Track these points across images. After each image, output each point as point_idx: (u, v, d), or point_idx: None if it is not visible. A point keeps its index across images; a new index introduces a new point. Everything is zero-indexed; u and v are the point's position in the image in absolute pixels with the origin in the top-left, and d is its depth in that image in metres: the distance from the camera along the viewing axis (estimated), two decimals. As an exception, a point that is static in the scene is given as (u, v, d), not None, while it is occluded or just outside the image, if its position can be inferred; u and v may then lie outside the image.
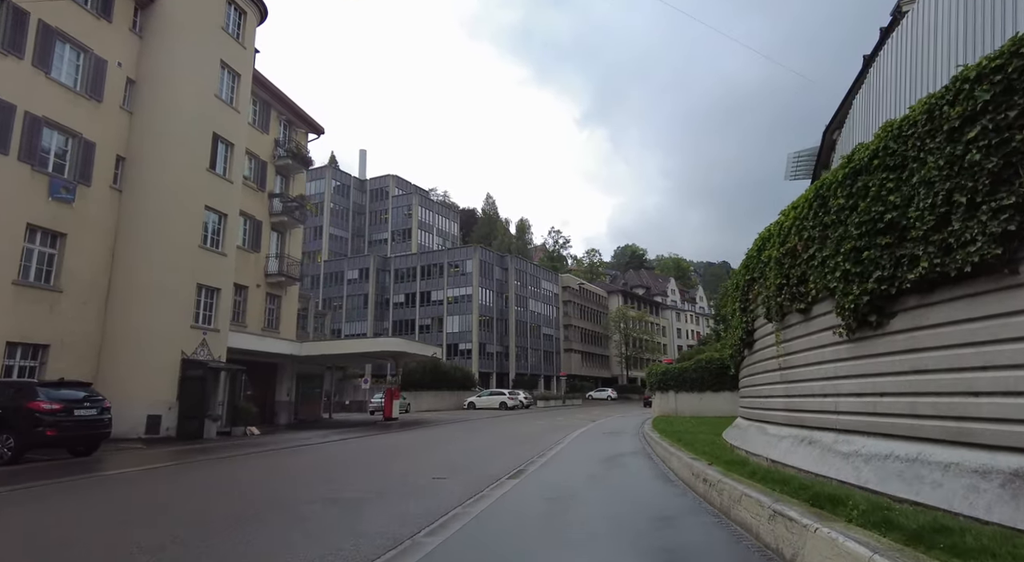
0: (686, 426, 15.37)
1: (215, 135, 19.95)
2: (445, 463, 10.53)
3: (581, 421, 25.02)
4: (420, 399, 43.23)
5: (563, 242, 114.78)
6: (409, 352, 25.70)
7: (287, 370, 26.71)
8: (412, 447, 14.32)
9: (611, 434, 16.92)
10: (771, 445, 7.18)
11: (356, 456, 12.46)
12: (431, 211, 74.18)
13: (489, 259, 63.63)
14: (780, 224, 7.16)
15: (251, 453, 13.34)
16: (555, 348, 71.79)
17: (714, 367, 23.48)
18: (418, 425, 24.22)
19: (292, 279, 26.46)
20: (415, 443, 15.61)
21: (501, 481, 8.22)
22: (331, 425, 25.23)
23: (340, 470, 10.04)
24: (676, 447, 9.72)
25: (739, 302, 9.37)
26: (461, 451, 13.01)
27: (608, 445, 13.61)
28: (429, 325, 61.92)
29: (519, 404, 43.29)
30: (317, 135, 29.53)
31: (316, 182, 71.51)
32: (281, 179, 27.38)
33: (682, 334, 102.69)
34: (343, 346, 25.52)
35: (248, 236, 24.72)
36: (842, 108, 32.31)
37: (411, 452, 12.97)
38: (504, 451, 12.72)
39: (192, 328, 18.60)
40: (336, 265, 67.59)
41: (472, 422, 26.20)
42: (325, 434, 19.12)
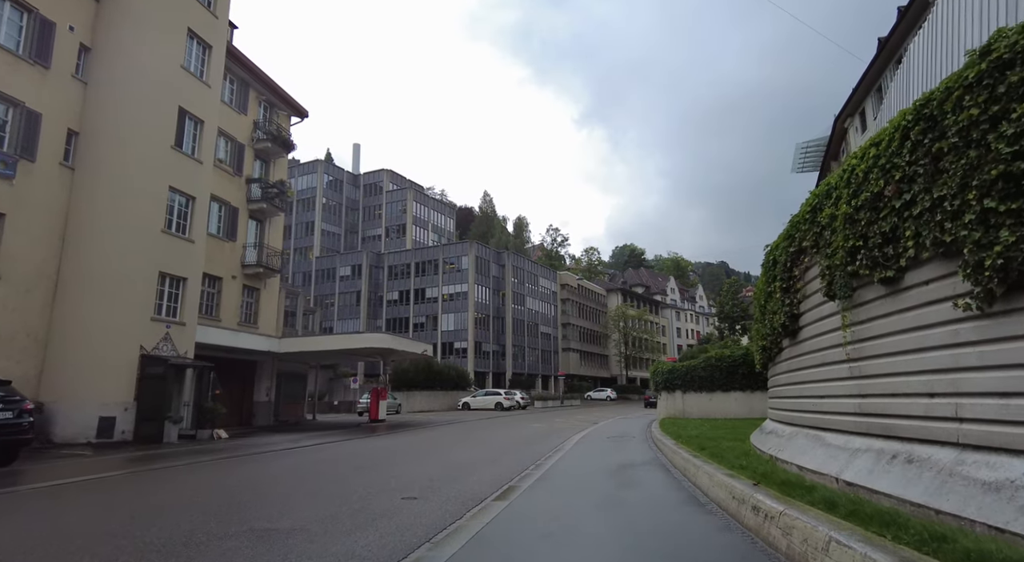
0: (701, 430, 13.67)
1: (182, 110, 18.20)
2: (422, 476, 8.81)
3: (581, 423, 23.31)
4: (412, 399, 41.52)
5: (561, 240, 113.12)
6: (397, 349, 23.99)
7: (266, 368, 24.97)
8: (390, 455, 12.59)
9: (616, 439, 15.22)
10: (836, 460, 5.48)
11: (321, 466, 10.73)
12: (426, 207, 72.38)
13: (485, 255, 61.90)
14: (850, 170, 5.46)
15: (204, 461, 11.61)
16: (553, 347, 70.09)
17: (724, 365, 21.82)
18: (405, 428, 22.49)
19: (272, 270, 24.72)
20: (395, 450, 13.88)
21: (485, 504, 6.52)
22: (312, 427, 23.49)
23: (292, 485, 8.33)
24: (701, 458, 8.02)
25: (779, 281, 7.67)
26: (444, 460, 11.29)
27: (614, 453, 11.90)
28: (424, 323, 60.16)
29: (515, 405, 41.60)
30: (301, 118, 27.78)
31: (308, 176, 69.77)
32: (261, 164, 25.63)
33: (682, 333, 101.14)
34: (325, 342, 23.82)
35: (223, 223, 22.97)
36: (855, 95, 30.58)
37: (386, 461, 11.25)
38: (494, 460, 11.01)
39: (153, 321, 16.85)
40: (328, 262, 65.78)
41: (464, 424, 24.47)
42: (300, 438, 17.39)
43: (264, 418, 24.64)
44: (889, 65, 27.88)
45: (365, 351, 24.29)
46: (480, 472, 9.26)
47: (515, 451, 12.72)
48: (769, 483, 5.50)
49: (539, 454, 11.82)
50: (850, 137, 35.21)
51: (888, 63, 28.07)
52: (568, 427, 21.01)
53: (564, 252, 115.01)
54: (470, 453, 12.62)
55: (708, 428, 14.71)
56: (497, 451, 12.96)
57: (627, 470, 9.17)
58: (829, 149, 39.63)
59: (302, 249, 68.55)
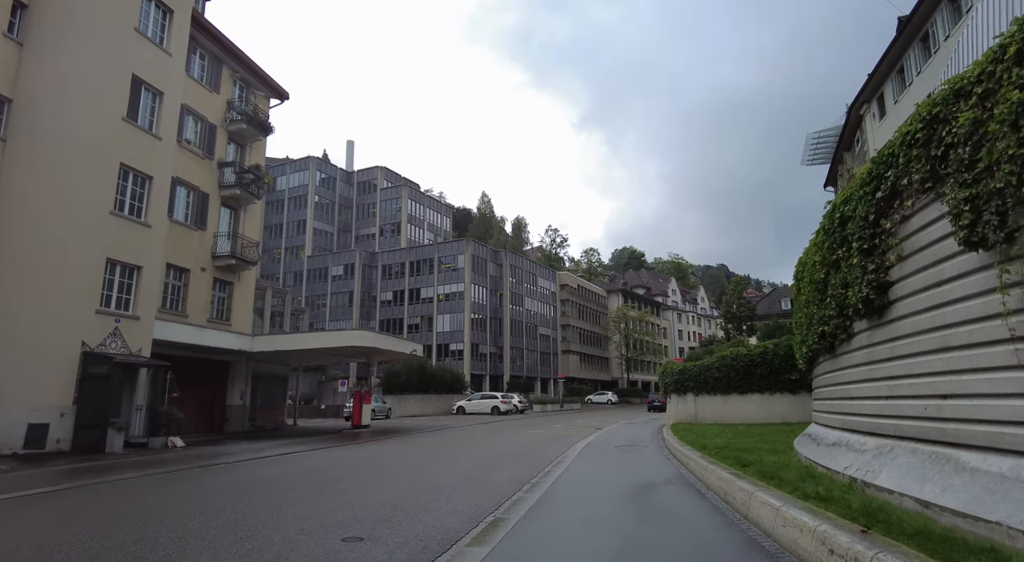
0: (727, 438, 11.69)
1: (136, 79, 16.25)
2: (383, 502, 6.83)
3: (584, 429, 21.30)
4: (404, 403, 39.50)
5: (560, 241, 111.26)
6: (382, 348, 21.97)
7: (240, 369, 22.96)
8: (356, 470, 10.58)
9: (626, 448, 13.21)
10: (1012, 499, 3.48)
11: (266, 485, 8.73)
12: (421, 205, 70.37)
13: (482, 254, 59.93)
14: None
15: (130, 479, 9.60)
16: (552, 349, 68.05)
17: (740, 365, 19.85)
18: (389, 435, 20.46)
19: (246, 263, 22.72)
20: (366, 463, 11.87)
21: (455, 552, 4.54)
22: (290, 434, 21.47)
23: (209, 515, 6.32)
24: (747, 479, 6.04)
25: (855, 242, 5.71)
26: (418, 477, 9.29)
27: (627, 466, 9.90)
28: (418, 324, 58.11)
29: (513, 409, 39.58)
30: (281, 100, 25.84)
31: (300, 174, 67.84)
32: (236, 148, 23.67)
33: (684, 335, 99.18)
34: (303, 340, 21.85)
35: (191, 210, 21.00)
36: (872, 78, 28.68)
37: (348, 479, 9.24)
38: (479, 478, 9.01)
39: (99, 314, 14.86)
40: (320, 261, 63.76)
41: (455, 430, 22.45)
42: (267, 447, 15.38)
43: (238, 423, 22.61)
44: (912, 44, 26.09)
45: (348, 351, 22.31)
46: (459, 495, 7.26)
47: (508, 464, 10.72)
48: (890, 531, 3.52)
49: (536, 468, 9.83)
50: (866, 125, 33.35)
51: (911, 42, 26.28)
52: (570, 433, 19.01)
53: (563, 253, 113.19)
54: (453, 467, 10.60)
55: (732, 435, 12.72)
56: (486, 464, 10.95)
57: (648, 493, 7.17)
58: (842, 139, 37.77)
59: (294, 248, 66.57)
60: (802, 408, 19.61)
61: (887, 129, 29.37)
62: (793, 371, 19.92)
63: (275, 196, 69.03)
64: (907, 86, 26.18)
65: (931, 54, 24.06)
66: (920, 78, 24.69)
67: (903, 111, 27.82)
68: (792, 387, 19.35)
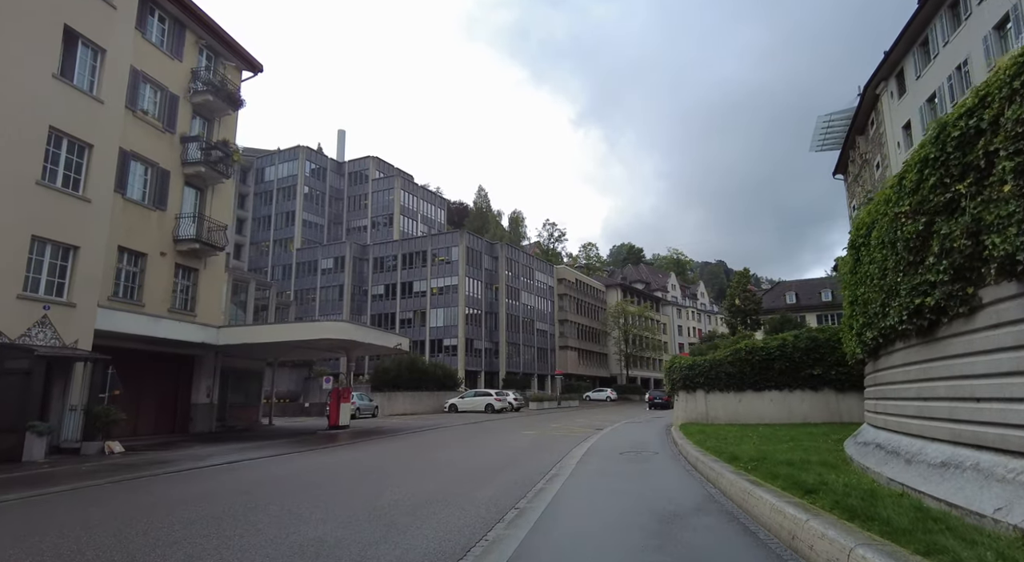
0: (753, 443, 9.76)
1: (69, 31, 14.19)
2: (307, 544, 4.88)
3: (583, 429, 19.36)
4: (394, 401, 37.53)
5: (558, 235, 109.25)
6: (362, 342, 19.96)
7: (208, 364, 20.96)
8: (302, 488, 8.60)
9: (633, 455, 11.25)
10: None
11: (171, 512, 6.73)
12: (415, 196, 68.21)
13: (477, 246, 57.89)
14: None
15: (9, 501, 7.61)
16: (550, 345, 66.14)
17: (757, 359, 17.94)
18: (368, 437, 18.50)
19: (213, 247, 20.69)
20: (319, 477, 9.88)
21: None
22: (260, 436, 19.49)
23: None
24: (827, 515, 4.07)
25: (1013, 158, 3.72)
26: (374, 499, 7.32)
27: (639, 484, 7.93)
28: (411, 319, 56.10)
29: (508, 406, 37.65)
30: (253, 73, 23.75)
31: (289, 164, 65.67)
32: (202, 122, 21.60)
33: (684, 331, 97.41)
34: (273, 332, 19.83)
35: (150, 188, 18.97)
36: (891, 54, 26.68)
37: (282, 503, 7.24)
38: (451, 501, 7.03)
39: (21, 300, 12.83)
40: (310, 254, 61.65)
41: (442, 431, 20.50)
42: (219, 453, 13.40)
43: (204, 423, 20.62)
44: (939, 13, 24.11)
45: (324, 344, 20.30)
46: (416, 531, 5.29)
47: (491, 479, 8.75)
48: None
49: (525, 484, 7.87)
50: (883, 104, 31.35)
51: (937, 11, 24.30)
52: (567, 435, 17.07)
53: (561, 249, 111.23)
54: (424, 484, 8.63)
55: (758, 439, 10.80)
56: (464, 479, 8.98)
57: (676, 531, 5.19)
58: (855, 122, 35.76)
59: (283, 241, 64.44)
60: (825, 407, 17.70)
61: (907, 107, 27.47)
62: (816, 365, 18.03)
63: (263, 187, 66.95)
64: (932, 58, 24.19)
65: (961, 21, 22.09)
66: (948, 48, 22.72)
67: (927, 86, 25.90)
68: (814, 383, 17.45)
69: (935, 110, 24.56)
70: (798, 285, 60.25)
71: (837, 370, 16.96)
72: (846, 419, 16.84)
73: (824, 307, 54.39)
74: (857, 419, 17.29)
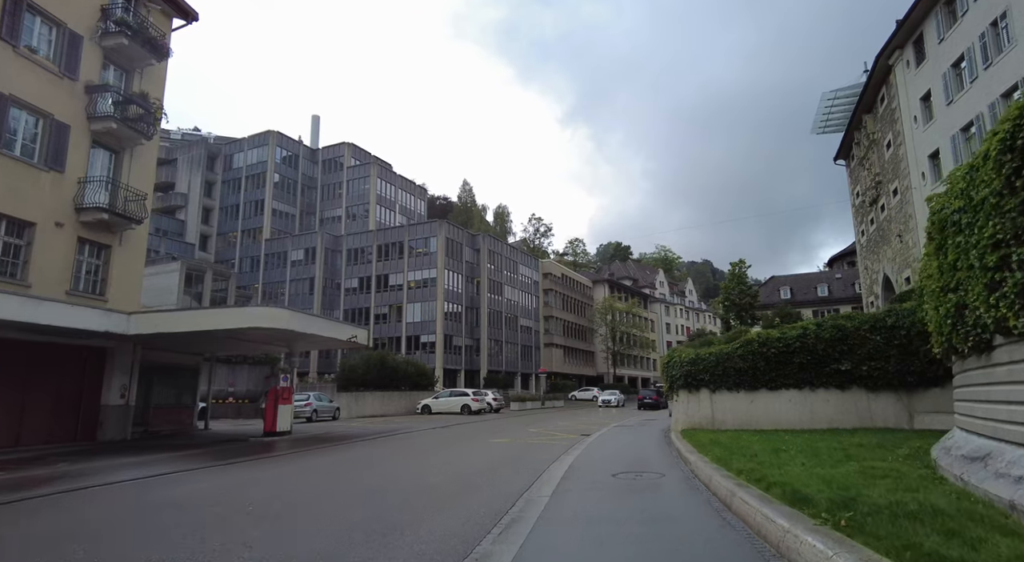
0: (801, 462, 6.83)
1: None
2: None
3: (565, 436, 16.37)
4: (362, 402, 34.29)
5: (544, 230, 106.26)
6: (305, 332, 16.73)
7: (123, 358, 17.65)
8: (142, 536, 5.46)
9: (631, 482, 8.24)
10: None
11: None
12: (393, 185, 64.70)
13: (458, 238, 54.70)
14: None
15: None
16: (534, 342, 63.17)
17: (772, 352, 15.07)
18: (306, 446, 15.36)
19: (128, 220, 17.39)
20: (182, 514, 6.74)
21: None
22: (180, 445, 16.24)
23: None
24: None
25: None
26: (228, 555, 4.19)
27: (649, 546, 4.90)
28: (386, 314, 52.80)
29: (486, 407, 34.62)
30: (186, 21, 20.39)
31: (258, 150, 61.94)
32: (119, 73, 18.26)
33: (672, 329, 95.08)
34: (195, 320, 16.46)
35: (42, 144, 15.65)
36: (909, 18, 23.99)
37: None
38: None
39: None
40: (279, 245, 58.05)
41: (401, 439, 17.41)
42: (91, 472, 10.19)
43: (117, 429, 17.31)
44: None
45: (258, 335, 17.03)
46: None
47: (423, 521, 5.67)
48: None
49: (467, 539, 4.82)
50: (896, 77, 28.61)
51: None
52: (546, 443, 14.08)
53: (548, 246, 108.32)
54: (319, 531, 5.52)
55: (799, 454, 7.88)
56: (384, 521, 5.88)
57: None
58: (862, 99, 33.00)
59: (251, 231, 60.70)
60: (854, 408, 14.80)
61: (927, 75, 24.80)
62: (843, 359, 15.08)
63: (231, 175, 63.18)
64: (959, 17, 21.50)
65: (996, -30, 19.49)
66: (981, 2, 20.12)
67: (952, 50, 23.16)
68: (840, 381, 14.56)
69: (962, 76, 21.94)
70: (793, 280, 57.95)
71: (870, 365, 14.15)
72: (879, 424, 14.02)
73: (820, 302, 52.08)
74: (893, 424, 14.45)
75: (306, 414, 26.73)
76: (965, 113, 21.44)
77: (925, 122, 24.73)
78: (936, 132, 23.73)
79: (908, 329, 13.82)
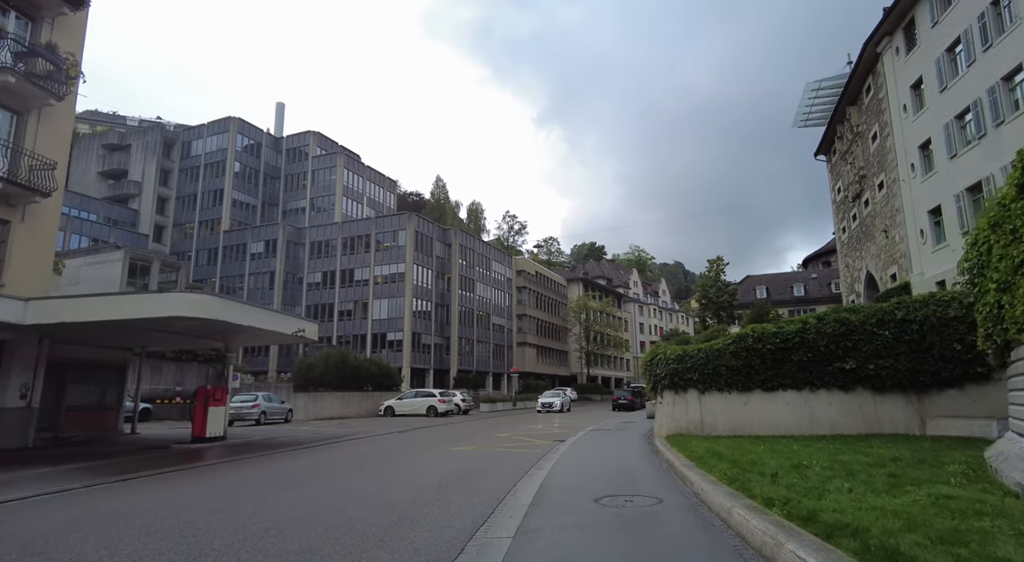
0: (843, 484, 5.01)
1: None
2: None
3: (538, 441, 14.48)
4: (320, 403, 31.94)
5: (519, 228, 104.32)
6: (237, 323, 14.35)
7: (23, 352, 15.16)
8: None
9: (620, 510, 6.39)
10: None
11: None
12: (361, 177, 61.96)
13: (428, 231, 52.48)
14: None
15: None
16: (507, 341, 61.27)
17: (768, 348, 13.46)
18: (233, 456, 13.16)
19: (33, 191, 14.92)
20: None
21: None
22: (88, 454, 13.86)
23: None
24: None
25: None
26: None
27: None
28: (351, 310, 50.26)
29: (454, 409, 32.61)
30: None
31: (218, 137, 58.65)
32: (24, 22, 15.76)
33: (645, 329, 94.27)
34: (104, 306, 13.95)
35: (-83, 98, 13.09)
36: (894, 8, 22.76)
37: None
38: None
39: None
40: (239, 237, 54.94)
41: (350, 447, 15.33)
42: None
43: (14, 435, 14.80)
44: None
45: (185, 325, 14.61)
46: None
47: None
48: None
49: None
50: (885, 65, 27.45)
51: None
52: (515, 451, 12.19)
53: (522, 245, 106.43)
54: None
55: (833, 472, 6.13)
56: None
57: None
58: (847, 90, 31.91)
59: (209, 222, 57.40)
60: (859, 412, 13.20)
61: (918, 62, 23.66)
62: (848, 357, 13.45)
63: (189, 163, 59.72)
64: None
65: (997, -54, 18.35)
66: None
67: (947, 33, 21.95)
68: (844, 381, 12.97)
69: (957, 61, 20.81)
70: (768, 279, 57.31)
71: (877, 363, 12.62)
72: (887, 429, 12.51)
73: (796, 302, 51.45)
74: (903, 429, 12.89)
75: (253, 417, 24.34)
76: (960, 99, 20.30)
77: (915, 111, 23.62)
78: (927, 121, 22.61)
79: (921, 323, 12.34)
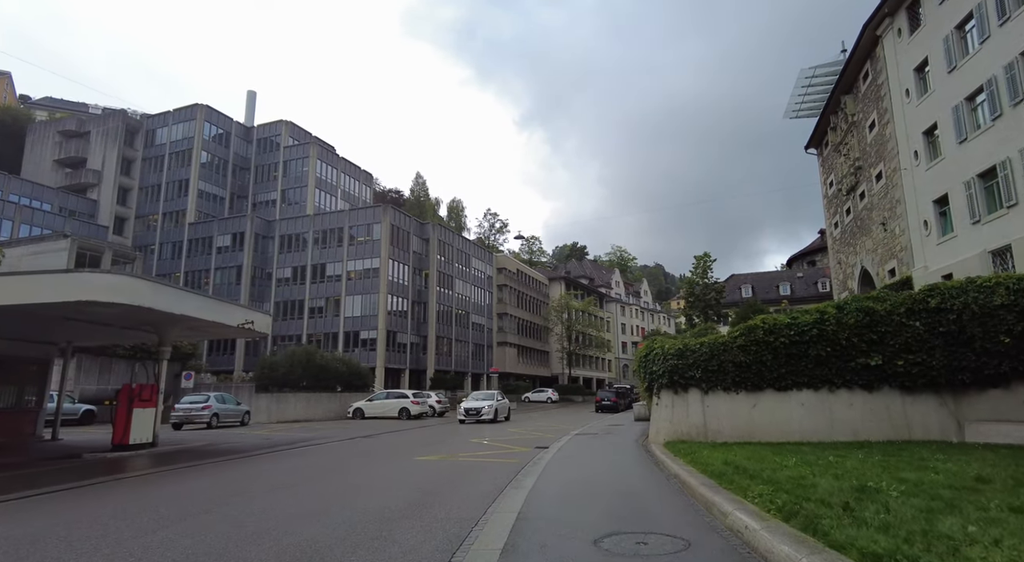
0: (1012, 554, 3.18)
1: None
2: None
3: (517, 450, 12.55)
4: (283, 404, 29.65)
5: (500, 226, 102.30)
6: (168, 312, 12.15)
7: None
8: None
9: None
10: None
11: None
12: (335, 168, 59.43)
13: (405, 225, 50.27)
14: None
15: None
16: (486, 341, 59.28)
17: (781, 342, 11.69)
18: (150, 469, 11.02)
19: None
20: None
21: None
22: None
23: None
24: None
25: None
26: None
27: None
28: (323, 307, 47.81)
29: (428, 411, 30.57)
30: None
31: (184, 125, 55.68)
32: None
33: (627, 329, 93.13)
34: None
35: None
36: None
37: None
38: None
39: None
40: (205, 229, 52.11)
41: (301, 456, 13.25)
42: None
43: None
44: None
45: (107, 313, 12.38)
46: None
47: None
48: None
49: None
50: (885, 50, 26.09)
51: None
52: (487, 463, 10.26)
53: (503, 244, 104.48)
54: None
55: (918, 500, 4.32)
56: None
57: None
58: (842, 77, 30.72)
59: (174, 214, 54.42)
60: (885, 415, 11.42)
61: (923, 43, 22.32)
62: (872, 352, 11.49)
63: (153, 152, 56.66)
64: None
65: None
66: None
67: (956, 10, 20.63)
68: (868, 379, 11.25)
69: (967, 39, 19.47)
70: (754, 278, 56.27)
71: (906, 359, 10.93)
72: (918, 435, 10.82)
73: (782, 301, 50.30)
74: (937, 435, 11.14)
75: (204, 419, 22.07)
76: (972, 79, 18.94)
77: (919, 95, 22.27)
78: (933, 105, 21.26)
79: (959, 312, 10.69)
